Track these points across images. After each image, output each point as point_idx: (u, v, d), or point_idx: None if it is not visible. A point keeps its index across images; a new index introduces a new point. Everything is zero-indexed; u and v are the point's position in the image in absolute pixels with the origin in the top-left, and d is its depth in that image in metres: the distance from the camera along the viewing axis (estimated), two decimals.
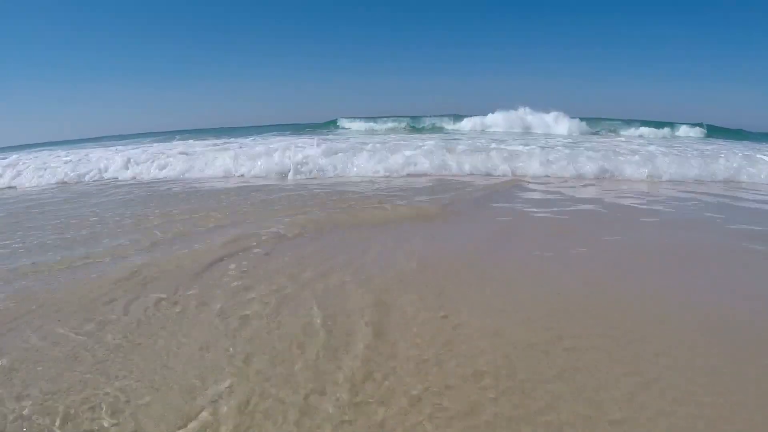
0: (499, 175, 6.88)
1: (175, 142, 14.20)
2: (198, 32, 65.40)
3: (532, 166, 7.15)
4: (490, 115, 20.71)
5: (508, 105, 21.27)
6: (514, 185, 6.15)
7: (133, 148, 12.01)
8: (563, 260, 2.88)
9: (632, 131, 19.03)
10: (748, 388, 1.56)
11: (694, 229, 3.85)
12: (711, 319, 2.07)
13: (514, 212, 4.43)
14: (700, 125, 19.80)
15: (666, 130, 19.14)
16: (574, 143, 11.49)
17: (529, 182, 6.36)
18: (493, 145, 9.64)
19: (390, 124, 21.23)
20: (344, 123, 22.54)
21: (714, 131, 19.63)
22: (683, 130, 19.42)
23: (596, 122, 19.84)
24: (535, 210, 4.41)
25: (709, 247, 3.32)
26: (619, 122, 20.57)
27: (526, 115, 20.07)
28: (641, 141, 15.00)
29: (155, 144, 14.45)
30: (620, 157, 7.69)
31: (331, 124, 22.98)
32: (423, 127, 20.81)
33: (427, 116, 22.75)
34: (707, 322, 2.03)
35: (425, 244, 3.23)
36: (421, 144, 9.58)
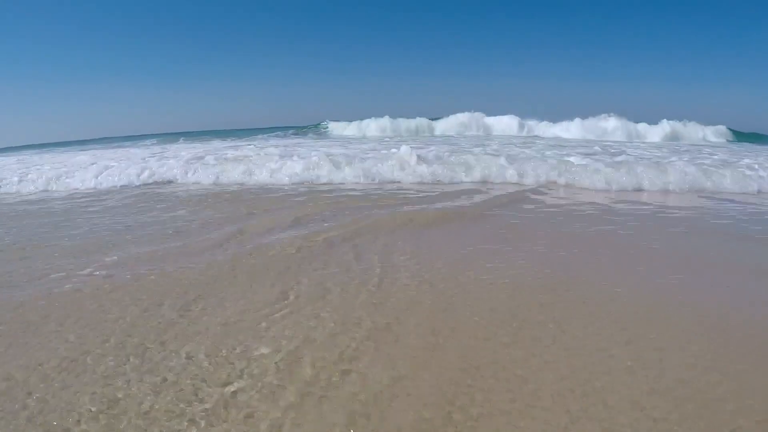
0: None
1: (180, 143, 13.84)
2: (197, 33, 64.91)
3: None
4: (496, 117, 19.63)
5: (502, 108, 20.17)
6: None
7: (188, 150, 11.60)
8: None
9: (645, 132, 17.55)
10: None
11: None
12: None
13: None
14: (720, 127, 18.09)
15: (695, 133, 17.09)
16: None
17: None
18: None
19: (379, 125, 19.51)
20: (332, 125, 21.17)
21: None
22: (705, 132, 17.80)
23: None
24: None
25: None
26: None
27: (536, 123, 18.71)
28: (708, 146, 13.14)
29: (164, 145, 14.06)
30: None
31: (315, 127, 21.60)
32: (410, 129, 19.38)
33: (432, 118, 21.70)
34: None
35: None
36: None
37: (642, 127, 17.26)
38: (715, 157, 8.81)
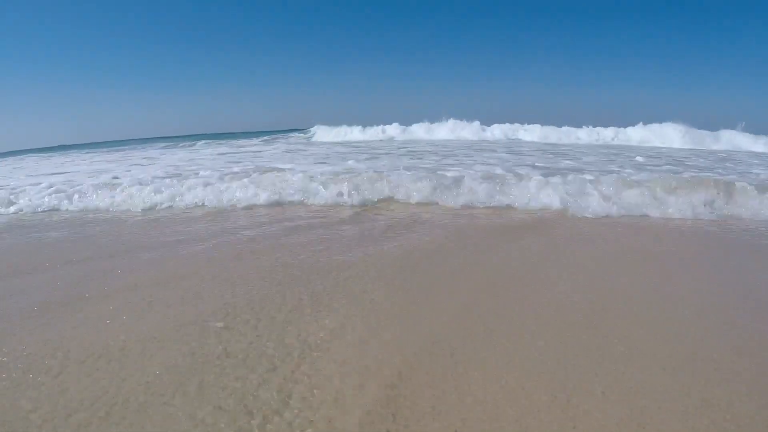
0: None
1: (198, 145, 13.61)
2: (200, 35, 63.86)
3: None
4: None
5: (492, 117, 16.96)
6: None
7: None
8: None
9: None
10: None
11: None
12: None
13: None
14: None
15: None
16: None
17: None
18: None
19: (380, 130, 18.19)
20: (321, 129, 19.51)
21: None
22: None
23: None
24: None
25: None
26: None
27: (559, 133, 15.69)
28: None
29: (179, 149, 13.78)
30: None
31: (302, 131, 20.27)
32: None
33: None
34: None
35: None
36: None
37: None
38: None
